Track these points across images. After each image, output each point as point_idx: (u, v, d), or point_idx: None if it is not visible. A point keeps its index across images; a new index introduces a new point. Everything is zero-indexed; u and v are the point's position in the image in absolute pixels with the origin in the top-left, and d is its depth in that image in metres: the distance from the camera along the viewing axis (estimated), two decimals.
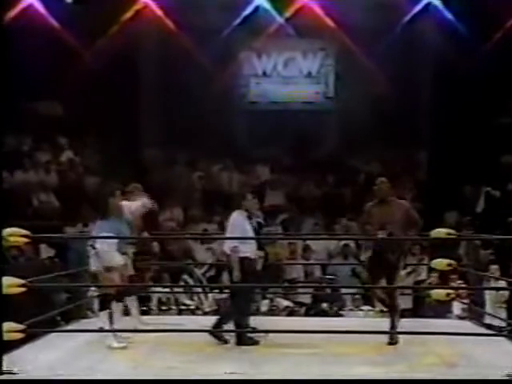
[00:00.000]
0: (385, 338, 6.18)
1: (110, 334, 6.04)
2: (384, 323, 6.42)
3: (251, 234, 6.38)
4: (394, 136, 13.75)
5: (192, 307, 9.41)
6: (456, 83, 13.09)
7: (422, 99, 14.42)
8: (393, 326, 6.27)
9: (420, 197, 13.31)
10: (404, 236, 6.30)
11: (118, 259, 6.08)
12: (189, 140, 13.81)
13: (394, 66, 13.87)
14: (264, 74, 15.15)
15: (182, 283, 9.76)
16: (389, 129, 13.76)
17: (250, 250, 6.36)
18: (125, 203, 6.53)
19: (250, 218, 6.46)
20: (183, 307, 9.47)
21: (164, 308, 9.35)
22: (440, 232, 5.83)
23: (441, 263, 5.89)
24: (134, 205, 6.66)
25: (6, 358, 5.02)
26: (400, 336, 6.14)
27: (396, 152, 14.11)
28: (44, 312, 6.66)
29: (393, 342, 6.14)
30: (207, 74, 14.09)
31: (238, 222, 6.39)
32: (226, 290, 9.51)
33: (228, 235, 6.48)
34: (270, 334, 6.46)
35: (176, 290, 9.68)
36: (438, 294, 5.75)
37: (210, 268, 10.30)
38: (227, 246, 6.39)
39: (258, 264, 6.79)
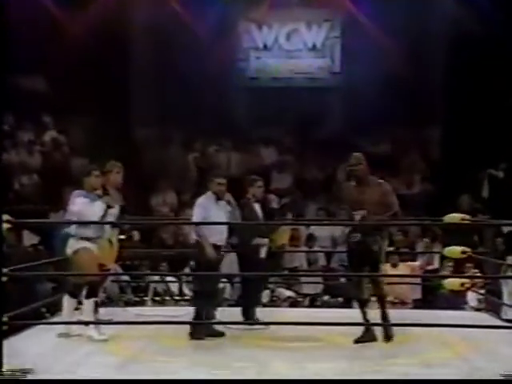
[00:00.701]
0: (394, 330, 6.16)
1: (91, 324, 6.07)
2: (393, 314, 6.41)
3: (217, 218, 6.36)
4: (405, 114, 13.69)
5: (187, 297, 9.41)
6: (473, 56, 13.01)
7: (436, 74, 14.34)
8: (385, 319, 6.05)
9: (432, 179, 13.32)
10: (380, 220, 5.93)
11: (96, 208, 6.09)
12: (183, 119, 13.77)
13: (405, 38, 13.79)
14: (265, 47, 15.06)
15: (189, 270, 9.73)
16: (399, 106, 13.71)
17: (215, 236, 6.34)
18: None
19: (218, 201, 6.47)
20: (177, 297, 9.48)
21: (158, 299, 9.36)
22: (454, 217, 5.82)
23: (454, 251, 5.90)
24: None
25: None
26: (410, 328, 6.14)
27: (407, 131, 14.06)
28: (27, 303, 6.66)
29: (389, 336, 5.95)
30: (203, 46, 14.03)
31: (202, 207, 6.44)
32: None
33: (192, 219, 6.53)
34: (272, 327, 6.50)
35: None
36: (452, 283, 5.74)
37: None
38: (194, 231, 6.44)
39: (262, 252, 6.83)
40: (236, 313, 6.98)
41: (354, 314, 5.92)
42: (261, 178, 7.27)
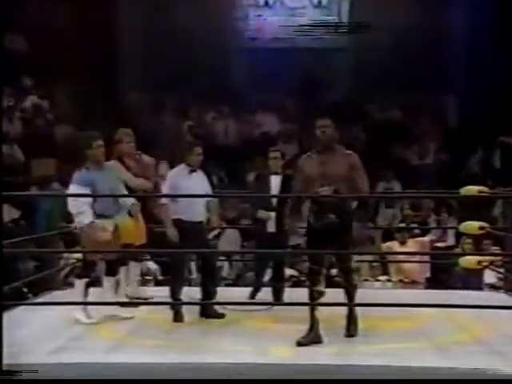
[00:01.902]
0: (401, 312, 6.15)
1: (79, 306, 6.10)
2: (404, 295, 6.44)
3: (187, 191, 6.33)
4: (418, 78, 13.64)
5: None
6: (494, 18, 12.92)
7: (455, 34, 14.25)
8: (350, 315, 5.75)
9: (447, 149, 13.31)
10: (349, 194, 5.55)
11: (85, 218, 6.03)
12: (177, 83, 13.73)
13: None
14: (266, 3, 15.02)
15: None
16: (412, 70, 13.65)
17: (187, 213, 6.31)
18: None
19: (191, 173, 6.50)
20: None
21: (149, 278, 9.38)
22: (471, 189, 5.79)
23: (471, 226, 5.87)
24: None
25: None
26: (423, 309, 6.15)
27: (420, 97, 14.02)
28: (7, 283, 6.67)
29: (350, 333, 5.71)
30: (198, 4, 13.95)
31: (171, 179, 6.48)
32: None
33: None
34: (274, 307, 6.54)
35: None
36: (468, 261, 5.73)
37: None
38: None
39: (270, 226, 6.84)
40: (235, 293, 6.98)
41: (360, 294, 5.91)
42: (278, 148, 7.37)
